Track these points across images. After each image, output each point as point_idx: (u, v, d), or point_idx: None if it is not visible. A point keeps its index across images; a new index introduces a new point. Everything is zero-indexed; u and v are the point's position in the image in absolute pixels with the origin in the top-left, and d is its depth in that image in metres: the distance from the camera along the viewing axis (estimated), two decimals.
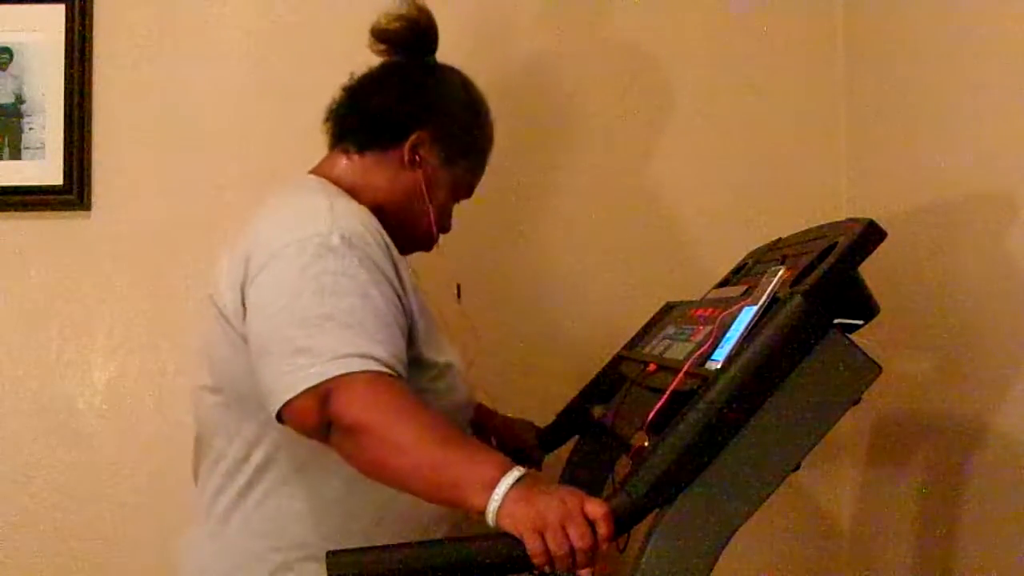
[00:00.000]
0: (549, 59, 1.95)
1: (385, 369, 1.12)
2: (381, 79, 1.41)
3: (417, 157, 1.37)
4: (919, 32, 1.66)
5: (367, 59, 1.48)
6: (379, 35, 1.42)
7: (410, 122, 1.37)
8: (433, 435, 1.08)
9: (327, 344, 1.11)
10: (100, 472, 1.86)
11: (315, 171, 1.40)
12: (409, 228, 1.39)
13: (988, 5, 1.47)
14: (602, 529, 1.01)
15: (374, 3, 1.94)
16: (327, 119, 1.42)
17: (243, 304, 1.21)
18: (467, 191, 1.47)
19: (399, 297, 1.21)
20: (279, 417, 1.14)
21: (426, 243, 1.44)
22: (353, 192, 1.34)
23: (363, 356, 1.11)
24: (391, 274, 1.21)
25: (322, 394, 1.10)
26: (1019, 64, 1.38)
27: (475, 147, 1.44)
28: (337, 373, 1.09)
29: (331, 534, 1.22)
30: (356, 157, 1.38)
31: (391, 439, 1.08)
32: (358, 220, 1.23)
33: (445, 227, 1.46)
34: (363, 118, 1.39)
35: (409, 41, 1.41)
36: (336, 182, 1.35)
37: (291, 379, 1.11)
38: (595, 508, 1.01)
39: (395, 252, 1.26)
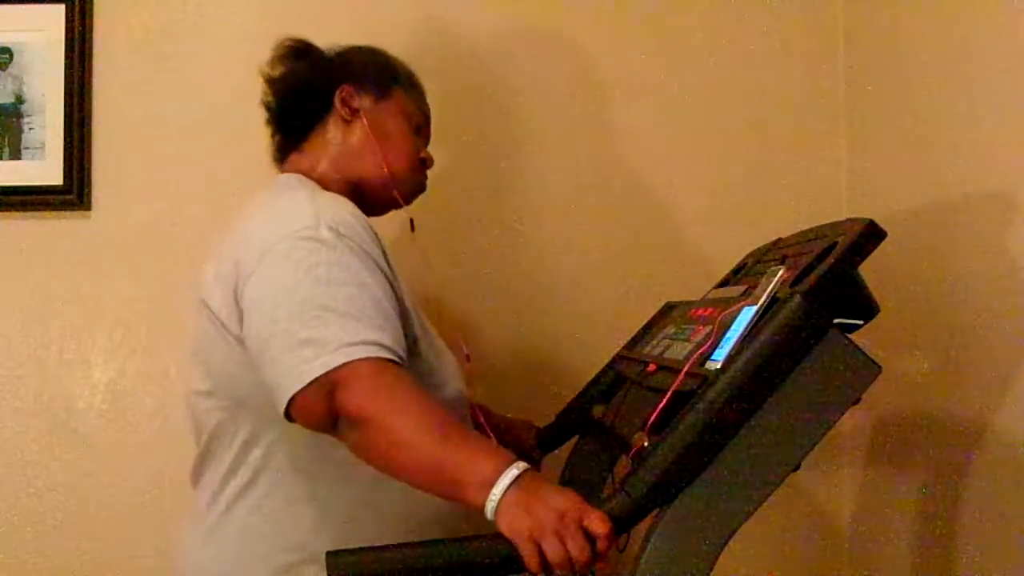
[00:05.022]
0: (549, 58, 1.95)
1: (390, 356, 1.11)
2: (285, 74, 1.43)
3: (352, 107, 1.40)
4: (919, 32, 1.66)
5: None
6: (272, 82, 1.44)
7: (328, 85, 1.40)
8: (434, 429, 1.08)
9: (332, 334, 1.10)
10: (100, 472, 1.86)
11: (285, 171, 1.42)
12: (393, 169, 1.40)
13: (988, 6, 1.47)
14: (599, 545, 1.00)
15: (373, 2, 1.95)
16: (272, 134, 1.45)
17: (237, 306, 1.20)
18: (420, 117, 1.48)
19: (392, 285, 1.21)
20: (288, 414, 1.13)
21: (417, 177, 1.46)
22: (326, 180, 1.36)
23: (368, 344, 1.10)
24: (382, 262, 1.21)
25: (327, 385, 1.09)
26: (1019, 64, 1.38)
27: (397, 75, 1.46)
28: (344, 361, 1.09)
29: (332, 537, 1.22)
30: (306, 146, 1.40)
31: (392, 433, 1.07)
32: (344, 209, 1.23)
33: (426, 162, 1.47)
34: (290, 109, 1.42)
35: (296, 68, 1.43)
36: (308, 176, 1.37)
37: (297, 372, 1.10)
38: (595, 525, 1.00)
39: (383, 242, 1.25)
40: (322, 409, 1.10)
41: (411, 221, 1.49)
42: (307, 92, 1.41)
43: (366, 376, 1.09)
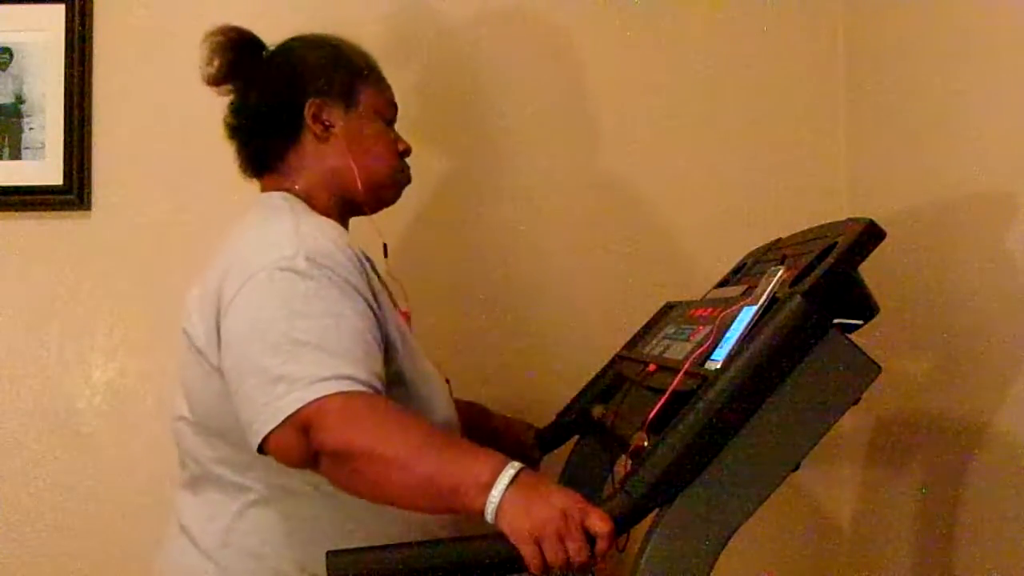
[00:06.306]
0: (549, 59, 1.95)
1: (364, 388, 1.09)
2: (245, 99, 1.40)
3: (324, 122, 1.36)
4: (919, 32, 1.66)
5: None
6: (214, 80, 1.40)
7: (294, 102, 1.36)
8: (421, 444, 1.06)
9: (303, 369, 1.08)
10: (100, 472, 1.86)
11: (266, 189, 1.39)
12: (377, 178, 1.39)
13: (988, 6, 1.47)
14: (600, 545, 1.00)
15: (372, 2, 1.95)
16: (241, 165, 1.42)
17: (218, 335, 1.19)
18: (389, 109, 1.44)
19: (373, 311, 1.19)
20: (262, 449, 1.11)
21: (400, 175, 1.43)
22: (312, 196, 1.35)
23: (341, 377, 1.08)
24: (363, 288, 1.19)
25: (303, 422, 1.07)
26: (1019, 64, 1.38)
27: (359, 71, 1.41)
28: (315, 396, 1.07)
29: (319, 557, 1.21)
30: (283, 166, 1.37)
31: (383, 457, 1.05)
32: (326, 237, 1.20)
33: (405, 151, 1.44)
34: (260, 132, 1.38)
35: (237, 60, 1.39)
36: (291, 193, 1.35)
37: (271, 410, 1.08)
38: (597, 524, 1.00)
39: (368, 266, 1.24)
40: (300, 447, 1.08)
41: (384, 247, 1.46)
42: (274, 112, 1.37)
43: (339, 409, 1.07)
